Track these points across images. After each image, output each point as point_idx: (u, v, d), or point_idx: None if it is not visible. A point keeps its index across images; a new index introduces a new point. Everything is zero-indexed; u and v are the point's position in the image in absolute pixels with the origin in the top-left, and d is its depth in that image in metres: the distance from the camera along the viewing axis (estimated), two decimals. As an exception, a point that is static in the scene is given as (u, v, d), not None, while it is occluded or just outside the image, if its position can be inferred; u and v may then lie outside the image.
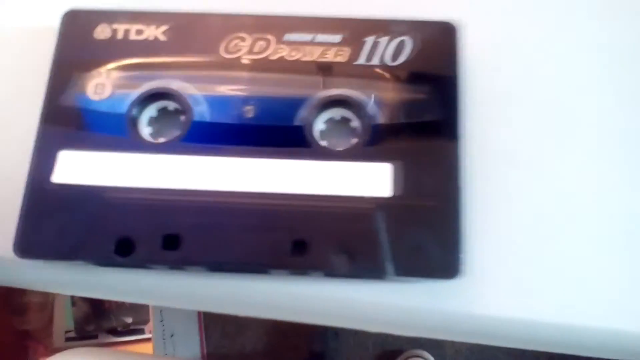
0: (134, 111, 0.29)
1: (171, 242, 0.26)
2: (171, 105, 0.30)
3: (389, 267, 0.26)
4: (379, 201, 0.27)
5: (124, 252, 0.26)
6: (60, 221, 0.27)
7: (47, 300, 0.84)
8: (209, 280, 0.28)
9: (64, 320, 0.84)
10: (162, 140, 0.29)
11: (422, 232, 0.26)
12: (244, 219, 0.27)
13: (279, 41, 0.30)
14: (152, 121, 0.30)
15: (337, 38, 0.30)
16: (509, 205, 0.29)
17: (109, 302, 0.84)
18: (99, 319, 0.84)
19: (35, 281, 0.29)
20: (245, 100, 0.29)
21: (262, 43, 0.30)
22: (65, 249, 0.27)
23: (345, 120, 0.30)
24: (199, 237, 0.27)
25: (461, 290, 0.27)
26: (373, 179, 0.27)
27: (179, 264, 0.27)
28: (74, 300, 0.84)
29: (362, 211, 0.27)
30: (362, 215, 0.27)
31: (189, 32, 0.30)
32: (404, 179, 0.27)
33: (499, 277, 0.28)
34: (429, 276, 0.26)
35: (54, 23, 0.30)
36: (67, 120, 0.29)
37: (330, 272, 0.27)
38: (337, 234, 0.26)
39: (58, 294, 0.82)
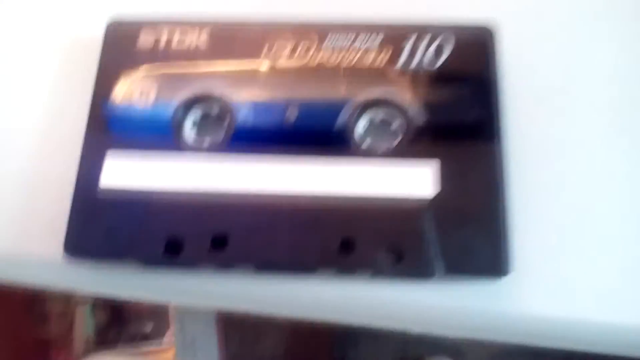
0: (178, 116, 0.30)
1: (219, 242, 0.27)
2: (214, 110, 0.30)
3: (437, 266, 0.26)
4: (424, 201, 0.27)
5: (172, 253, 0.27)
6: (108, 223, 0.27)
7: (68, 309, 0.85)
8: (255, 281, 0.28)
9: (84, 328, 0.84)
10: (206, 144, 0.30)
11: (468, 230, 0.27)
12: (290, 219, 0.27)
13: (319, 46, 0.31)
14: (196, 126, 0.30)
15: (375, 42, 0.31)
16: (553, 202, 0.29)
17: (129, 309, 0.84)
18: (119, 327, 0.85)
19: (84, 283, 0.29)
20: (287, 105, 0.30)
21: (302, 48, 0.31)
22: (114, 249, 0.27)
23: (385, 122, 0.30)
24: (246, 237, 0.27)
25: (508, 289, 0.27)
26: (417, 179, 0.28)
27: (226, 264, 0.27)
28: (94, 308, 0.84)
29: (407, 211, 0.27)
30: (407, 214, 0.27)
31: (230, 38, 0.31)
32: (447, 178, 0.28)
33: (546, 276, 0.27)
34: (477, 275, 0.26)
35: (98, 33, 0.31)
36: (113, 126, 0.30)
37: (378, 272, 0.27)
38: (384, 233, 0.27)
39: (79, 303, 0.83)
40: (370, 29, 0.31)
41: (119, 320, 0.85)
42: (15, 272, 0.30)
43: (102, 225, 0.27)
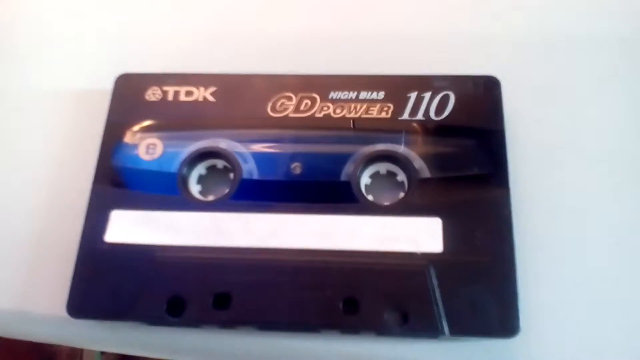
0: (184, 170, 0.30)
1: (222, 301, 0.26)
2: (220, 163, 0.31)
3: (444, 325, 0.25)
4: (431, 257, 0.27)
5: (175, 312, 0.26)
6: (112, 281, 0.27)
7: (76, 349, 0.84)
8: (259, 339, 0.27)
9: (93, 371, 0.83)
10: (211, 198, 0.30)
11: (476, 288, 0.26)
12: (294, 277, 0.27)
13: (324, 99, 0.31)
14: (202, 179, 0.31)
15: (380, 94, 0.31)
16: (560, 257, 0.28)
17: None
18: (128, 368, 0.84)
19: (87, 340, 0.29)
20: (293, 158, 0.30)
21: (307, 101, 0.31)
22: (117, 309, 0.27)
23: (391, 175, 0.30)
24: (249, 295, 0.26)
25: (518, 349, 0.26)
26: (423, 234, 0.27)
27: (229, 324, 0.27)
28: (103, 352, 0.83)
29: (413, 268, 0.27)
30: (413, 271, 0.26)
31: (236, 92, 0.31)
32: (455, 234, 0.27)
33: (555, 333, 0.27)
34: (486, 335, 0.25)
35: (107, 86, 0.32)
36: (119, 180, 0.30)
37: (383, 332, 0.26)
38: (389, 291, 0.26)
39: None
40: (374, 81, 0.31)
41: (128, 359, 0.83)
42: (20, 328, 0.30)
43: (106, 283, 0.27)
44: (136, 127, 0.31)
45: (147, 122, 0.31)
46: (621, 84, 0.33)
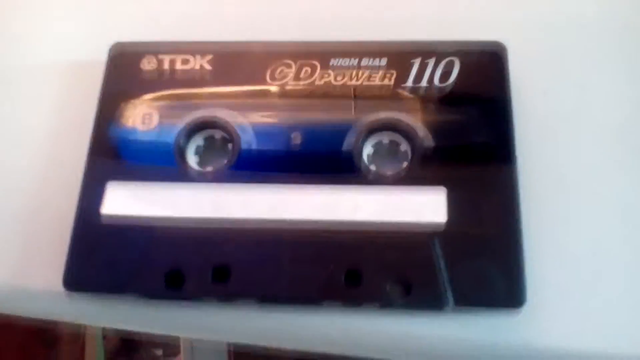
0: (182, 141, 0.29)
1: (221, 274, 0.26)
2: (218, 134, 0.30)
3: (448, 297, 0.25)
4: (435, 227, 0.26)
5: (174, 285, 0.26)
6: (109, 254, 0.27)
7: (78, 333, 0.84)
8: (259, 314, 0.27)
9: (95, 353, 0.83)
10: (209, 169, 0.29)
11: (482, 259, 0.25)
12: (294, 249, 0.26)
13: (325, 66, 0.30)
14: (200, 150, 0.30)
15: (383, 61, 0.30)
16: (567, 229, 0.28)
17: (140, 335, 0.83)
18: (129, 352, 0.84)
19: (84, 315, 0.28)
20: (292, 128, 0.29)
21: (307, 69, 0.30)
22: (114, 282, 0.26)
23: (394, 145, 0.29)
24: (249, 268, 0.26)
25: (524, 321, 0.26)
26: (427, 204, 0.27)
27: (228, 297, 0.26)
28: (105, 333, 0.84)
29: (417, 238, 0.26)
30: (417, 242, 0.26)
31: (234, 60, 0.30)
32: (459, 204, 0.26)
33: (562, 307, 0.26)
34: (491, 306, 0.25)
35: (101, 56, 0.31)
36: (115, 152, 0.29)
37: (386, 304, 0.26)
38: (392, 263, 0.25)
39: (89, 326, 0.82)
40: (376, 47, 0.30)
41: (130, 345, 0.84)
42: (16, 304, 0.29)
43: (103, 256, 0.26)
44: (131, 97, 0.30)
45: (142, 92, 0.30)
46: (630, 56, 0.32)
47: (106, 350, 0.84)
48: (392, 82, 0.29)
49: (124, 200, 0.27)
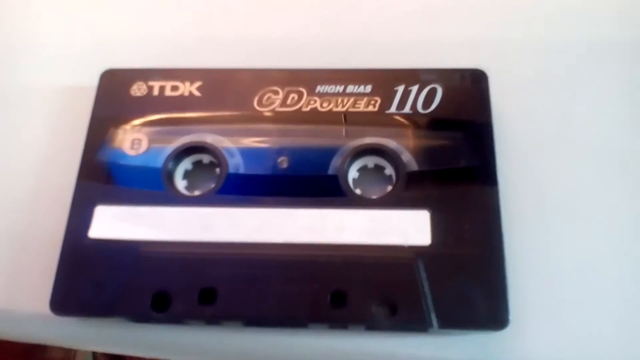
0: (170, 165, 0.30)
1: (207, 296, 0.26)
2: (206, 158, 0.30)
3: (433, 319, 0.25)
4: (419, 250, 0.26)
5: (160, 307, 0.26)
6: (96, 277, 0.27)
7: (68, 356, 0.83)
8: (245, 335, 0.27)
9: (84, 377, 0.82)
10: (197, 193, 0.29)
11: (465, 281, 0.26)
12: (280, 271, 0.26)
13: (311, 93, 0.31)
14: (188, 174, 0.30)
15: (367, 88, 0.31)
16: (549, 249, 0.28)
17: (130, 356, 0.82)
18: (119, 375, 0.82)
19: (70, 338, 0.28)
20: (279, 152, 0.29)
21: (294, 95, 0.31)
22: (101, 305, 0.26)
23: (379, 168, 0.30)
24: (235, 290, 0.26)
25: (508, 341, 0.26)
26: (411, 227, 0.27)
27: (215, 319, 0.26)
28: (95, 356, 0.82)
29: (402, 260, 0.26)
30: (402, 264, 0.26)
31: (222, 87, 0.31)
32: (443, 227, 0.27)
33: (545, 326, 0.26)
34: (475, 328, 0.25)
35: (92, 82, 0.31)
36: (104, 176, 0.29)
37: (371, 325, 0.26)
38: (377, 284, 0.26)
39: (79, 350, 0.81)
40: (361, 75, 0.31)
41: (120, 367, 0.82)
42: (3, 327, 0.29)
43: (90, 280, 0.26)
44: (121, 122, 0.31)
45: (132, 117, 0.31)
46: (610, 77, 0.33)
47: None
48: (377, 108, 0.30)
49: (112, 224, 0.28)
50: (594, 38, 0.34)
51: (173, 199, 0.29)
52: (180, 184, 0.30)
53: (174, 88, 0.31)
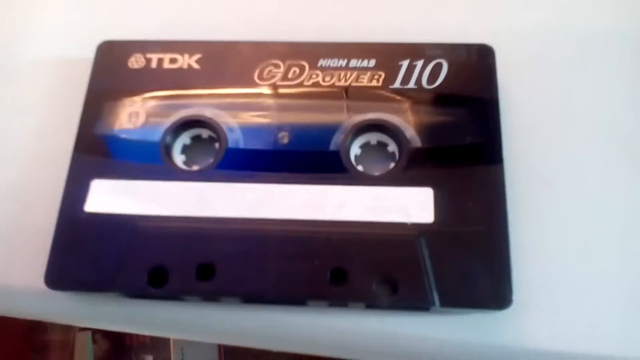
0: (168, 139, 0.29)
1: (205, 271, 0.25)
2: (205, 133, 0.30)
3: (435, 297, 0.24)
4: (422, 227, 0.26)
5: (157, 283, 0.25)
6: (92, 251, 0.26)
7: (68, 339, 0.83)
8: (243, 312, 0.26)
9: (85, 357, 0.82)
10: (195, 167, 0.29)
11: (468, 259, 0.25)
12: (280, 247, 0.26)
13: (313, 67, 0.30)
14: (186, 149, 0.30)
15: (371, 62, 0.30)
16: (554, 229, 0.28)
17: (130, 339, 0.83)
18: (119, 357, 0.83)
19: (66, 314, 0.28)
20: (280, 127, 0.29)
21: (296, 69, 0.30)
22: (96, 280, 0.26)
23: (381, 145, 0.29)
24: (234, 266, 0.26)
25: (510, 322, 0.26)
26: (414, 204, 0.26)
27: (213, 295, 0.26)
28: (95, 339, 0.83)
29: (404, 238, 0.26)
30: (404, 242, 0.26)
31: (222, 60, 0.30)
32: (446, 204, 0.26)
33: (547, 308, 0.26)
34: (478, 307, 0.25)
35: (89, 54, 0.31)
36: (100, 149, 0.29)
37: (372, 303, 0.25)
38: (378, 262, 0.25)
39: (79, 332, 0.81)
40: (365, 48, 0.30)
41: (120, 351, 0.83)
42: (-2, 301, 0.29)
43: (85, 254, 0.26)
44: (118, 95, 0.30)
45: (129, 90, 0.30)
46: (617, 55, 0.32)
47: (95, 357, 0.83)
48: (380, 83, 0.29)
49: (108, 198, 0.27)
50: (602, 17, 0.33)
51: (171, 173, 0.28)
52: (179, 158, 0.29)
53: (173, 60, 0.30)
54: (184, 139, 0.30)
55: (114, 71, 0.30)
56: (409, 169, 0.28)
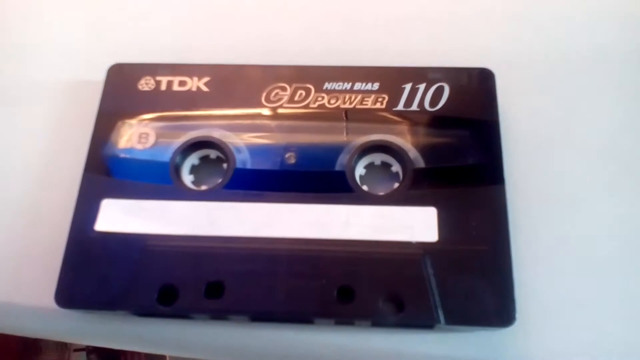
0: (177, 159, 0.30)
1: (214, 290, 0.26)
2: (213, 153, 0.30)
3: (440, 315, 0.25)
4: (426, 246, 0.26)
5: (166, 301, 0.26)
6: (102, 270, 0.27)
7: (62, 359, 0.83)
8: (251, 330, 0.27)
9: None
10: (204, 187, 0.29)
11: (472, 278, 0.26)
12: (287, 266, 0.26)
13: (319, 90, 0.31)
14: (195, 169, 0.30)
15: (375, 85, 0.31)
16: (556, 247, 0.28)
17: (125, 358, 0.82)
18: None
19: (76, 333, 0.28)
20: (287, 147, 0.29)
21: (302, 92, 0.31)
22: (106, 299, 0.26)
23: (385, 165, 0.30)
24: (242, 285, 0.26)
25: (514, 339, 0.26)
26: (418, 223, 0.27)
27: (221, 313, 0.26)
28: (90, 358, 0.82)
29: (409, 257, 0.26)
30: (409, 261, 0.26)
31: (230, 82, 0.31)
32: (450, 223, 0.27)
33: (552, 324, 0.26)
34: (482, 324, 0.25)
35: (100, 76, 0.31)
36: (111, 169, 0.29)
37: (378, 322, 0.26)
38: (384, 280, 0.26)
39: (73, 352, 0.81)
40: (369, 72, 0.31)
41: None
42: (7, 320, 0.29)
43: (95, 273, 0.26)
44: (128, 117, 0.31)
45: (139, 112, 0.31)
46: (616, 76, 0.33)
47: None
48: (384, 105, 0.30)
49: (118, 217, 0.28)
50: (600, 39, 0.34)
51: (180, 193, 0.29)
52: (187, 178, 0.30)
53: (182, 83, 0.31)
54: (193, 159, 0.30)
55: (125, 93, 0.31)
56: (413, 189, 0.28)
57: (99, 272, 0.26)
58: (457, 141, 0.29)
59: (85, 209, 0.28)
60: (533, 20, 0.35)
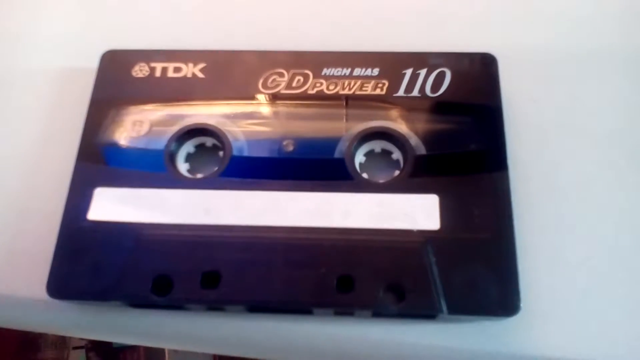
0: (172, 147, 0.29)
1: (210, 280, 0.25)
2: (209, 141, 0.30)
3: (442, 304, 0.24)
4: (428, 234, 0.26)
5: (161, 291, 0.25)
6: (94, 260, 0.26)
7: (61, 357, 0.82)
8: (248, 321, 0.26)
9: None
10: (200, 175, 0.29)
11: (475, 266, 0.25)
12: (285, 254, 0.26)
13: (317, 75, 0.30)
14: (190, 157, 0.29)
15: (375, 71, 0.30)
16: (560, 235, 0.27)
17: (124, 355, 0.82)
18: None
19: (68, 325, 0.27)
20: (284, 135, 0.29)
21: (300, 78, 0.30)
22: (99, 289, 0.25)
23: (386, 153, 0.29)
24: (239, 274, 0.25)
25: (518, 329, 0.25)
26: (420, 211, 0.26)
27: (217, 303, 0.25)
28: (89, 357, 0.82)
29: (410, 245, 0.26)
30: (410, 249, 0.25)
31: (226, 69, 0.30)
32: (452, 211, 0.26)
33: (557, 314, 0.26)
34: (485, 314, 0.24)
35: (93, 63, 0.31)
36: (104, 157, 0.29)
37: (378, 311, 0.25)
38: (384, 269, 0.25)
39: (72, 350, 0.81)
40: (369, 57, 0.30)
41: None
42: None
43: (88, 263, 0.26)
44: (122, 104, 0.30)
45: (133, 99, 0.30)
46: (620, 63, 0.32)
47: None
48: (384, 91, 0.29)
49: (111, 206, 0.27)
50: (606, 23, 0.34)
51: (175, 181, 0.28)
52: (183, 166, 0.29)
53: (177, 69, 0.30)
54: (188, 147, 0.30)
55: (118, 80, 0.30)
56: (414, 176, 0.28)
57: (92, 262, 0.26)
58: (459, 127, 0.28)
59: (78, 198, 0.27)
60: (537, 6, 0.35)
